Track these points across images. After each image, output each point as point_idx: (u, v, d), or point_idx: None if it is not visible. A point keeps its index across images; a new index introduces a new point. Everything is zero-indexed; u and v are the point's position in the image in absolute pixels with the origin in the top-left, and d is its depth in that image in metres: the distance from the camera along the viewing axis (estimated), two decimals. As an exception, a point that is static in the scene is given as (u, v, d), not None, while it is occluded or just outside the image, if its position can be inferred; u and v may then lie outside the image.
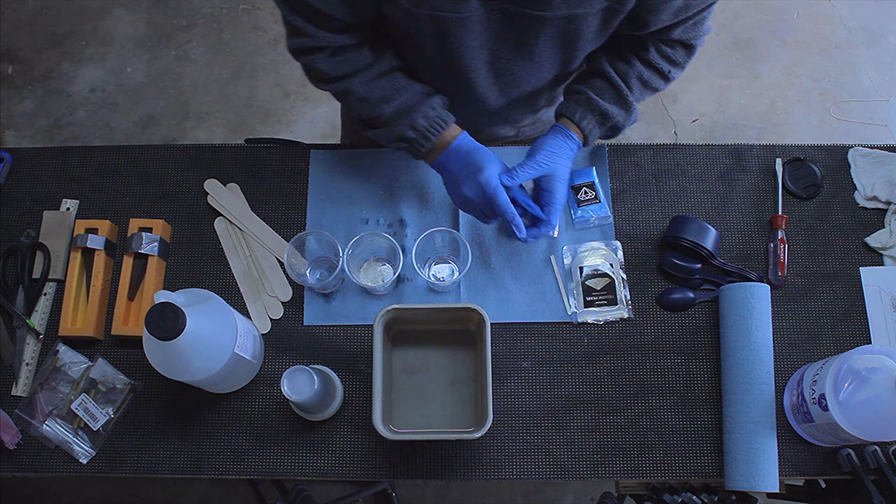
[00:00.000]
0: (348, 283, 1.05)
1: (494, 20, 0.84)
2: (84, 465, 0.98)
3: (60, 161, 1.13)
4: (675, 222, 1.04)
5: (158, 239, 1.04)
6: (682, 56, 0.95)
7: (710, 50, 2.23)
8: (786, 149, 1.13)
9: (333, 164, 1.11)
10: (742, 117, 2.16)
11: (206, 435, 0.99)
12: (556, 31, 0.86)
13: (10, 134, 2.17)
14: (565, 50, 0.91)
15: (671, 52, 0.94)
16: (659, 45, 0.94)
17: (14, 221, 1.09)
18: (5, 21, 2.28)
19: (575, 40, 0.89)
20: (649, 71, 0.95)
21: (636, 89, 0.96)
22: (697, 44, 0.95)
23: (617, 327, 1.03)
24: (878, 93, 2.18)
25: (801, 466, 0.97)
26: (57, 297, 1.05)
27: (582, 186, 1.08)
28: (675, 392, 1.01)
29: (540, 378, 1.01)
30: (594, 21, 0.85)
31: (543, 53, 0.91)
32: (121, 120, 2.16)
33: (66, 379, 1.00)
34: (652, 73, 0.95)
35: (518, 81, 0.97)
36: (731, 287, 1.00)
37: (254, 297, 1.05)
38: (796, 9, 2.27)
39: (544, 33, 0.86)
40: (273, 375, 1.01)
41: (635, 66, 0.95)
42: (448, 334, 1.00)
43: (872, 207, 1.09)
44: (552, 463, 0.98)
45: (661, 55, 0.94)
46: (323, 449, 0.98)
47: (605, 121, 0.96)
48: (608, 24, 0.87)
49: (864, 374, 0.85)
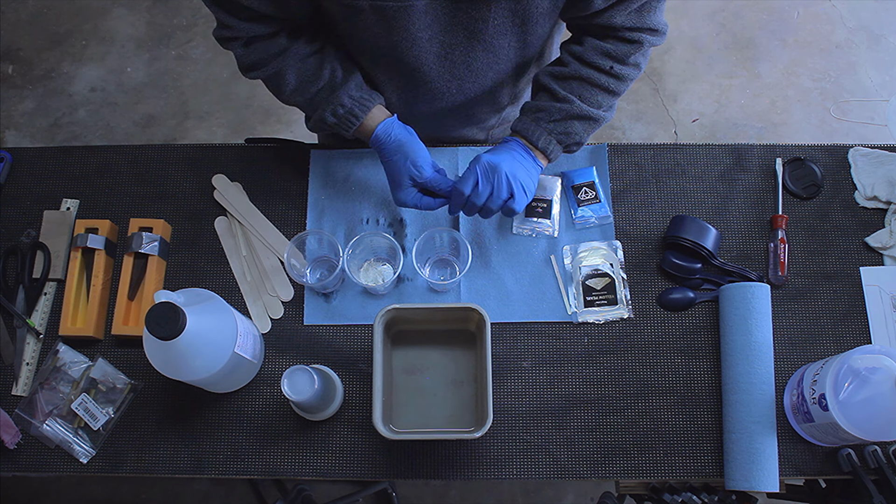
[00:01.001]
0: (348, 283, 1.05)
1: (440, 8, 0.84)
2: (84, 464, 0.98)
3: (61, 161, 1.13)
4: (676, 222, 1.04)
5: (159, 239, 1.04)
6: (624, 50, 0.91)
7: (711, 50, 2.23)
8: (786, 148, 1.13)
9: (333, 164, 1.11)
10: (742, 117, 2.16)
11: (206, 435, 0.99)
12: (505, 14, 0.86)
13: (10, 134, 2.17)
14: (519, 35, 0.91)
15: (610, 48, 0.91)
16: (596, 42, 0.92)
17: (14, 221, 1.09)
18: (5, 21, 2.28)
19: (526, 23, 0.88)
20: (587, 68, 0.92)
21: (575, 85, 0.93)
22: (645, 41, 0.91)
23: (617, 327, 1.03)
24: (879, 92, 2.18)
25: (801, 466, 0.97)
26: (57, 297, 1.05)
27: (582, 186, 1.08)
28: (675, 392, 1.01)
29: (540, 378, 1.01)
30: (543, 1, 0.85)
31: (497, 40, 0.90)
32: (121, 120, 2.16)
33: (66, 378, 1.00)
34: (590, 69, 0.92)
35: (475, 74, 0.96)
36: (731, 287, 1.00)
37: (254, 297, 1.05)
38: (796, 8, 2.27)
39: (493, 16, 0.85)
40: (273, 375, 1.01)
41: (571, 65, 0.93)
42: (448, 334, 1.00)
43: (873, 207, 1.09)
44: (552, 463, 0.98)
45: (598, 51, 0.92)
46: (323, 449, 0.98)
47: (539, 115, 0.94)
48: (557, 3, 0.86)
49: (864, 373, 0.85)
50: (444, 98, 1.00)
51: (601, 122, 0.96)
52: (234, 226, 1.08)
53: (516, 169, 0.92)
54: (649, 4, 0.88)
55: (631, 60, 0.92)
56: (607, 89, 0.94)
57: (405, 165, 0.93)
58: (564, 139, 0.95)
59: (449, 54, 0.92)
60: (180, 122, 2.16)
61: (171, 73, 2.21)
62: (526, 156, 0.94)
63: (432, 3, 0.83)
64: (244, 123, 2.16)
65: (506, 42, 0.91)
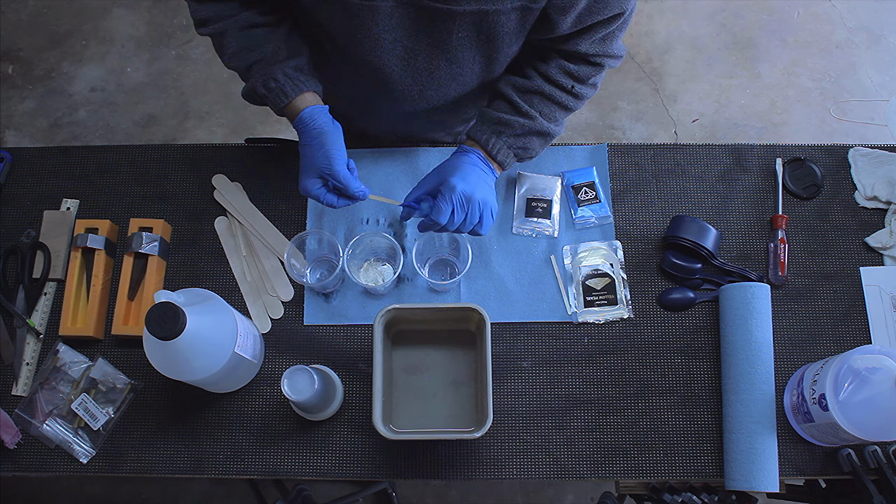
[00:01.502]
0: (348, 283, 1.05)
1: (406, 13, 0.84)
2: (84, 464, 0.98)
3: (61, 161, 1.13)
4: (676, 222, 1.04)
5: (159, 239, 1.04)
6: (586, 72, 0.93)
7: (711, 50, 2.23)
8: (786, 149, 1.13)
9: (333, 163, 1.11)
10: (742, 117, 2.16)
11: (206, 435, 0.99)
12: (469, 29, 0.86)
13: (10, 134, 2.17)
14: (484, 52, 0.91)
15: (574, 68, 0.93)
16: (561, 62, 0.94)
17: (14, 221, 1.09)
18: (5, 21, 2.28)
19: (492, 40, 0.88)
20: (550, 85, 0.94)
21: (536, 100, 0.94)
22: (606, 64, 0.94)
23: (617, 327, 1.03)
24: (879, 92, 2.18)
25: (801, 466, 0.97)
26: (57, 297, 1.05)
27: (582, 186, 1.08)
28: (675, 392, 1.01)
29: (540, 378, 1.01)
30: (509, 20, 0.85)
31: (461, 53, 0.90)
32: (121, 120, 2.16)
33: (66, 378, 1.00)
34: (553, 87, 0.94)
35: (438, 83, 0.96)
36: (731, 287, 1.00)
37: (254, 297, 1.05)
38: (796, 8, 2.27)
39: (457, 30, 0.86)
40: (273, 375, 1.01)
41: (534, 80, 0.94)
42: (448, 334, 1.00)
43: (873, 207, 1.09)
44: (552, 463, 0.98)
45: (562, 70, 0.93)
46: (323, 449, 0.98)
47: (500, 128, 0.94)
48: (524, 24, 0.86)
49: (864, 373, 0.85)
50: (407, 101, 1.00)
51: (554, 137, 0.98)
52: (234, 226, 1.08)
53: (486, 194, 0.93)
54: (612, 34, 0.90)
55: (590, 81, 0.95)
56: (566, 107, 0.96)
57: (318, 154, 0.90)
58: (522, 153, 0.96)
59: (412, 59, 0.92)
60: (180, 123, 2.16)
61: (172, 73, 2.21)
62: (488, 172, 0.95)
63: (398, 7, 0.83)
64: (244, 123, 2.16)
65: (470, 56, 0.91)
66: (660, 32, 2.25)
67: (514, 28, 0.87)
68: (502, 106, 0.95)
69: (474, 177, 0.93)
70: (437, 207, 0.91)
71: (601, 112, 2.17)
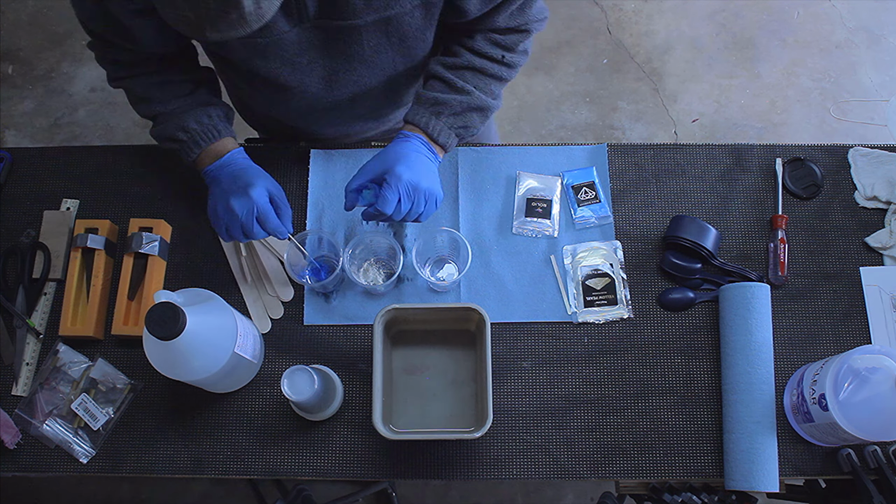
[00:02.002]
0: (348, 283, 1.05)
1: (313, 37, 0.84)
2: (84, 464, 0.98)
3: (61, 161, 1.13)
4: (675, 222, 1.04)
5: (158, 239, 1.04)
6: (513, 40, 0.93)
7: (710, 50, 2.23)
8: (786, 149, 1.13)
9: (333, 164, 1.11)
10: (742, 117, 2.16)
11: (206, 435, 0.99)
12: (379, 36, 0.86)
13: (10, 134, 2.17)
14: (400, 50, 0.91)
15: (500, 38, 0.92)
16: (487, 33, 0.93)
17: (14, 221, 1.09)
18: (5, 21, 2.28)
19: (404, 39, 0.88)
20: (480, 59, 0.93)
21: (469, 76, 0.93)
22: (532, 28, 0.93)
23: (617, 327, 1.03)
24: (879, 93, 2.18)
25: (801, 466, 0.97)
26: (57, 297, 1.05)
27: (582, 186, 1.08)
28: (675, 392, 1.01)
29: (540, 378, 1.01)
30: (414, 18, 0.85)
31: (378, 58, 0.90)
32: (121, 119, 2.16)
33: (66, 379, 1.00)
34: (483, 59, 0.93)
35: (365, 90, 0.96)
36: (731, 287, 1.00)
37: (254, 297, 1.05)
38: (796, 8, 2.27)
39: (367, 40, 0.86)
40: (273, 375, 1.01)
41: (463, 56, 0.93)
42: (448, 334, 1.00)
43: (873, 207, 1.09)
44: (552, 463, 0.98)
45: (490, 41, 0.93)
46: (323, 449, 0.98)
47: (438, 108, 0.93)
48: (430, 16, 0.86)
49: (864, 373, 0.85)
50: (340, 111, 1.00)
51: (493, 112, 0.96)
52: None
53: (432, 182, 0.92)
54: (527, 2, 0.89)
55: (520, 48, 0.94)
56: (500, 77, 0.95)
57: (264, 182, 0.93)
58: (463, 132, 0.95)
59: (333, 76, 0.92)
60: (180, 122, 2.16)
61: (171, 73, 2.22)
62: (432, 158, 0.93)
63: (304, 33, 0.83)
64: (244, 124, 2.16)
65: (388, 58, 0.91)
66: (660, 32, 2.25)
67: (422, 23, 0.86)
68: (437, 85, 0.94)
69: (420, 165, 0.91)
70: (384, 197, 0.88)
71: (601, 112, 2.17)
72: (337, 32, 0.84)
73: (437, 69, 0.94)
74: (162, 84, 0.94)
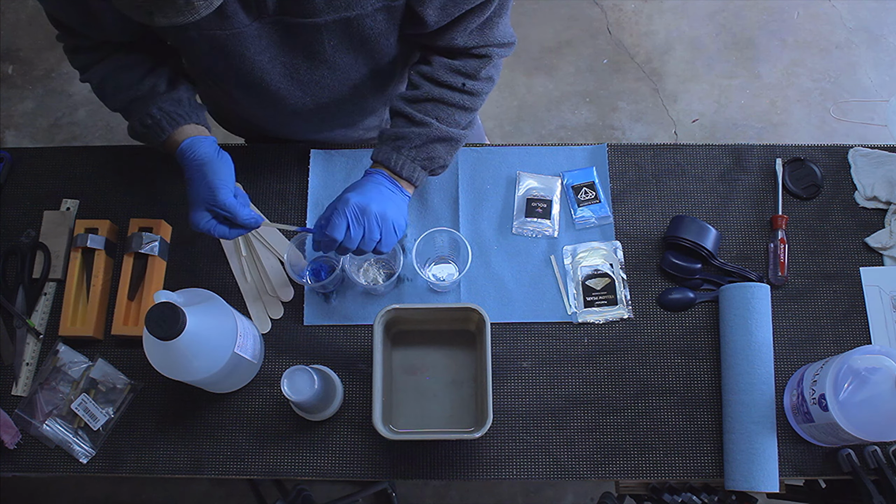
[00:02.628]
0: (348, 283, 1.05)
1: (274, 32, 0.84)
2: (84, 465, 0.98)
3: (61, 161, 1.13)
4: (676, 222, 1.04)
5: (158, 239, 1.04)
6: (473, 66, 0.91)
7: (710, 50, 2.23)
8: (786, 149, 1.13)
9: (333, 164, 1.11)
10: (742, 117, 2.16)
11: (206, 435, 0.99)
12: (339, 36, 0.85)
13: (10, 134, 2.17)
14: (363, 54, 0.90)
15: (459, 64, 0.91)
16: (444, 60, 0.91)
17: (14, 221, 1.09)
18: (5, 21, 2.28)
19: (366, 42, 0.87)
20: (439, 88, 0.91)
21: (430, 107, 0.91)
22: (493, 54, 0.91)
23: (617, 327, 1.03)
24: (878, 93, 2.18)
25: (801, 466, 0.97)
26: (57, 297, 1.05)
27: (582, 186, 1.08)
28: (675, 392, 1.01)
29: (540, 378, 1.01)
30: (376, 22, 0.84)
31: (340, 59, 0.90)
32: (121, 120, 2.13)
33: (66, 379, 1.00)
34: (443, 89, 0.91)
35: (327, 90, 0.95)
36: (731, 287, 1.00)
37: (254, 297, 1.05)
38: (796, 9, 2.27)
39: (328, 39, 0.85)
40: (273, 375, 1.01)
41: (422, 87, 0.92)
42: (448, 334, 1.00)
43: (873, 207, 1.09)
44: (552, 463, 0.98)
45: (448, 68, 0.91)
46: (323, 449, 0.98)
47: (399, 142, 0.91)
48: (393, 23, 0.85)
49: (864, 374, 0.85)
50: (303, 111, 0.99)
51: (462, 142, 0.95)
52: (234, 226, 1.08)
53: (386, 207, 0.89)
54: (490, 21, 0.87)
55: (483, 74, 0.92)
56: (463, 107, 0.92)
57: (201, 185, 0.87)
58: (429, 164, 0.93)
59: (294, 73, 0.91)
60: (180, 123, 2.16)
61: (171, 74, 2.21)
62: (394, 189, 0.91)
63: (264, 28, 0.83)
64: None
65: (350, 60, 0.90)
66: (659, 32, 2.25)
67: (385, 28, 0.86)
68: (399, 122, 0.93)
69: (375, 192, 0.89)
70: (332, 223, 0.87)
71: (601, 112, 2.17)
72: (297, 30, 0.84)
73: (398, 105, 0.93)
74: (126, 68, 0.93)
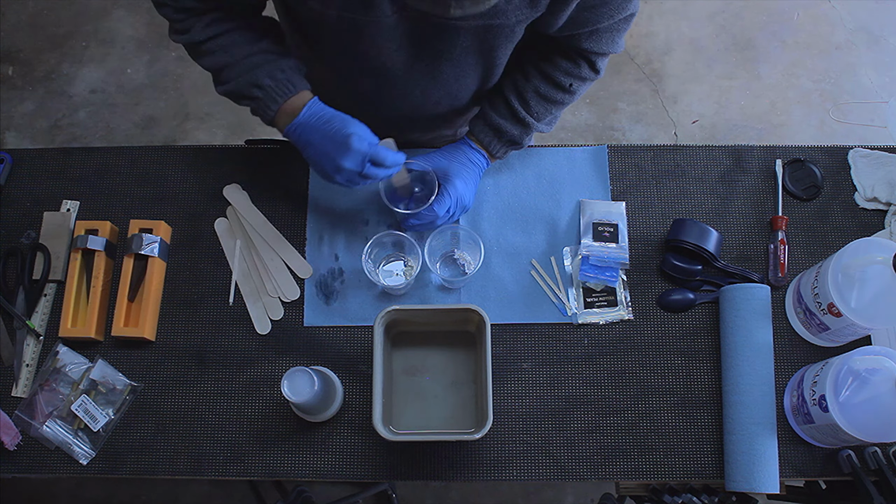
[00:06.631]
0: (348, 283, 1.05)
1: (410, 26, 0.84)
2: (84, 466, 0.98)
3: (61, 162, 1.13)
4: (677, 225, 1.04)
5: (159, 240, 1.04)
6: (586, 72, 0.96)
7: (711, 51, 2.23)
8: (786, 150, 1.13)
9: (334, 165, 1.11)
10: (742, 118, 2.16)
11: (206, 436, 0.99)
12: (473, 39, 0.86)
13: (10, 135, 2.17)
14: (486, 57, 0.92)
15: (573, 68, 0.96)
16: (561, 61, 0.96)
17: (14, 222, 1.09)
18: (6, 22, 2.28)
19: (493, 49, 0.89)
20: (546, 85, 0.97)
21: (534, 103, 0.98)
22: (601, 65, 0.97)
23: (617, 328, 1.03)
24: (878, 94, 2.19)
25: (801, 467, 0.97)
26: (57, 298, 1.05)
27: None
28: (675, 393, 1.01)
29: (540, 379, 1.01)
30: (513, 32, 0.86)
31: (463, 60, 0.91)
32: (121, 121, 2.16)
33: (66, 380, 1.00)
34: (550, 86, 0.97)
35: (441, 84, 0.97)
36: (731, 288, 1.00)
37: (254, 298, 1.05)
38: (796, 10, 2.27)
39: (462, 41, 0.86)
40: (273, 376, 1.01)
41: (532, 81, 0.97)
42: (448, 335, 1.00)
43: (873, 209, 1.09)
44: (552, 464, 0.98)
45: (563, 71, 0.96)
46: (323, 450, 0.98)
47: (500, 134, 1.01)
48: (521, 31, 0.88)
49: (864, 375, 0.85)
50: (409, 99, 1.00)
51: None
52: (236, 226, 1.08)
53: (472, 198, 1.04)
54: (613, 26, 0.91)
55: (588, 76, 0.98)
56: (562, 104, 1.00)
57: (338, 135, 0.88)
58: (515, 148, 1.04)
59: (415, 63, 0.92)
60: (180, 124, 2.16)
61: (172, 75, 2.22)
62: (483, 167, 1.04)
63: (401, 21, 0.83)
64: (244, 125, 2.16)
65: (472, 61, 0.93)
66: (660, 34, 2.25)
67: (516, 36, 0.88)
68: (502, 110, 1.00)
69: (472, 181, 1.02)
70: (439, 199, 0.98)
71: (601, 113, 2.17)
72: (437, 28, 0.84)
73: (508, 92, 0.99)
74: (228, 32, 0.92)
